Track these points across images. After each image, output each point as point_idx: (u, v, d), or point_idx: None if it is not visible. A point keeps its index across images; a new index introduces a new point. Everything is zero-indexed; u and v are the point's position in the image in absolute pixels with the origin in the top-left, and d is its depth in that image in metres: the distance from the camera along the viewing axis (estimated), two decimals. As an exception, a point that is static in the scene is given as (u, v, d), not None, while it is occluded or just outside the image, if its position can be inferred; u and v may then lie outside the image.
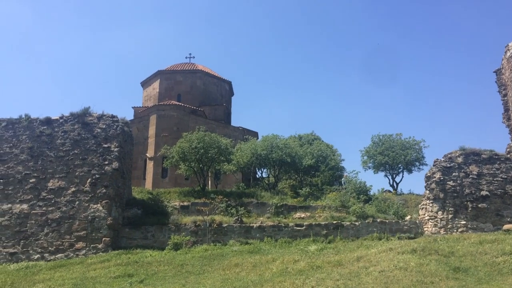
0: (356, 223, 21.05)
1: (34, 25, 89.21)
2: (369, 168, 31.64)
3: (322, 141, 36.93)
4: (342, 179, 32.05)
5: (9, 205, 20.07)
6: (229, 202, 23.06)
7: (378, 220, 21.38)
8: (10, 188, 20.38)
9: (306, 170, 30.88)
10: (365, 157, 31.89)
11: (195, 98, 41.17)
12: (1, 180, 20.55)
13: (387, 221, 21.38)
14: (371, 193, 27.00)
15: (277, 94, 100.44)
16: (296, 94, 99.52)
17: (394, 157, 29.67)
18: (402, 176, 30.88)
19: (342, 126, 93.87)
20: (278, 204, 23.36)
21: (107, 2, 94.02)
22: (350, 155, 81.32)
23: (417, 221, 21.71)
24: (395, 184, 30.69)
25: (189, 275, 14.59)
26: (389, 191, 29.37)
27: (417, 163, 30.47)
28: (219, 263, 15.80)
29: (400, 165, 30.32)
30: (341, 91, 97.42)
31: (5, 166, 20.79)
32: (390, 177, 30.95)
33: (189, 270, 15.24)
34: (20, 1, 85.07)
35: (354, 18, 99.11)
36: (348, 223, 20.99)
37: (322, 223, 20.91)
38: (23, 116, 21.96)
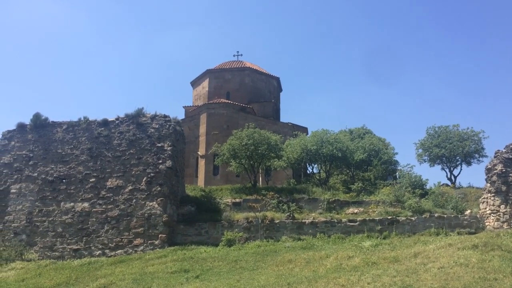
0: (412, 218, 20.38)
1: (89, 30, 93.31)
2: (425, 161, 30.58)
3: (374, 134, 36.03)
4: (396, 173, 31.15)
5: (72, 204, 21.12)
6: (280, 198, 23.03)
7: (436, 215, 20.58)
8: (72, 188, 21.44)
9: (358, 164, 30.27)
10: (420, 150, 30.85)
11: (243, 95, 41.43)
12: (64, 180, 21.68)
13: (445, 216, 20.54)
14: (427, 187, 26.08)
15: (325, 89, 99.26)
16: (345, 87, 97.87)
17: (451, 149, 28.50)
18: (461, 169, 29.65)
19: (394, 118, 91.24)
20: (330, 200, 23.07)
21: (157, 5, 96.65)
22: (404, 148, 78.92)
23: (477, 216, 20.72)
24: (453, 178, 29.48)
25: (243, 270, 14.72)
26: (447, 185, 28.27)
27: (476, 155, 29.12)
28: (272, 259, 15.82)
29: (458, 158, 29.10)
30: (392, 82, 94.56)
31: (67, 167, 21.89)
32: (447, 170, 29.80)
33: (243, 266, 15.37)
34: (76, 7, 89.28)
35: (401, 10, 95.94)
36: (403, 218, 20.37)
37: (376, 218, 20.43)
38: (82, 118, 22.98)
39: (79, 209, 20.92)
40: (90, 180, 21.39)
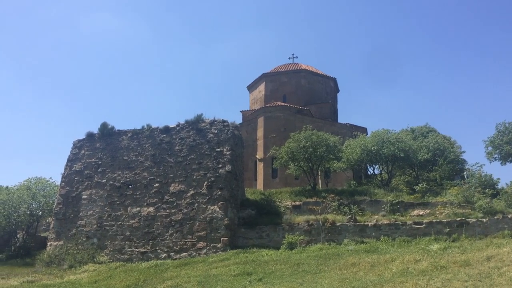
0: (483, 219, 19.26)
1: (151, 41, 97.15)
2: (495, 160, 28.88)
3: (438, 133, 34.52)
4: (464, 172, 29.63)
5: (138, 208, 22.01)
6: (341, 200, 22.65)
7: (509, 216, 19.30)
8: (138, 193, 22.34)
9: (422, 164, 29.10)
10: (490, 148, 29.18)
11: (300, 97, 41.27)
12: (130, 186, 22.67)
13: (520, 217, 19.25)
14: (499, 186, 24.55)
15: (383, 87, 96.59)
16: (404, 85, 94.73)
17: (524, 146, 26.72)
18: (536, 167, 27.73)
19: (459, 116, 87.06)
20: (393, 202, 22.33)
21: (213, 13, 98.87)
22: (472, 146, 75.00)
23: (557, 217, 19.22)
24: (527, 176, 27.62)
25: (305, 274, 14.60)
26: (521, 184, 26.45)
27: (553, 152, 27.06)
28: (335, 263, 15.58)
29: (532, 155, 27.23)
30: (454, 78, 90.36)
31: (133, 173, 22.86)
32: (520, 168, 27.99)
33: (305, 269, 15.25)
34: (137, 19, 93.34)
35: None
36: (474, 220, 19.30)
37: (443, 220, 19.52)
38: (145, 126, 23.97)
39: (145, 214, 21.74)
40: (154, 185, 22.18)
